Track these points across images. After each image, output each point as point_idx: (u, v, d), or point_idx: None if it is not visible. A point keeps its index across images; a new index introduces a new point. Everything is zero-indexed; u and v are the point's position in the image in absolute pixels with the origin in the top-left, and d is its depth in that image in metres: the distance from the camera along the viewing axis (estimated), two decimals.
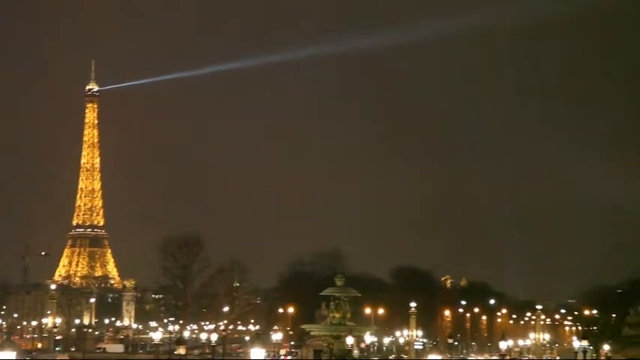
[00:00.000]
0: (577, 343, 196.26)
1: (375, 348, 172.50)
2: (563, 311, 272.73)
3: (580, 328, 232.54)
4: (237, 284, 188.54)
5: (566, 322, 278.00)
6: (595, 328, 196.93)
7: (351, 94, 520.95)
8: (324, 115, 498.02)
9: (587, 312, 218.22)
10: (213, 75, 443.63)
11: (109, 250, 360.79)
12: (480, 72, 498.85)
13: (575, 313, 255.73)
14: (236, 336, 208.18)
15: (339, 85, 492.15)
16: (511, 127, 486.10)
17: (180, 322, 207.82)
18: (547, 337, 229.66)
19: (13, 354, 74.69)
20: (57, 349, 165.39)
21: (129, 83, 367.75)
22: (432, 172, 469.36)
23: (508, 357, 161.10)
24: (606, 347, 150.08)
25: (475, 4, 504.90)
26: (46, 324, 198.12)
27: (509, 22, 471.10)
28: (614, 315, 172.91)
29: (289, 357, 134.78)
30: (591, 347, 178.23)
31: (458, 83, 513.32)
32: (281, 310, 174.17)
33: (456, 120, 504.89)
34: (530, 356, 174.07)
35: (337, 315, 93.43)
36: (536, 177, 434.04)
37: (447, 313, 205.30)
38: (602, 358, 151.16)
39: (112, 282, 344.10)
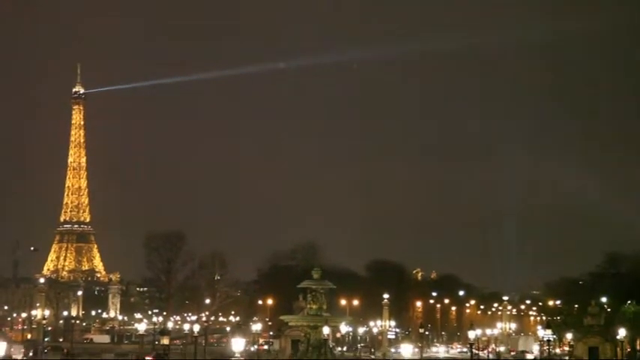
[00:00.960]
0: (541, 332, 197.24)
1: (350, 337, 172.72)
2: (528, 302, 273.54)
3: (544, 317, 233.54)
4: (218, 278, 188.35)
5: (531, 313, 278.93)
6: (558, 317, 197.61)
7: (330, 99, 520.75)
8: (305, 115, 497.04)
9: (550, 303, 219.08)
10: (198, 81, 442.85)
11: (95, 245, 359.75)
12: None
13: (540, 303, 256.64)
14: (217, 327, 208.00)
15: (320, 90, 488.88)
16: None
17: (164, 313, 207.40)
18: (513, 326, 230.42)
19: (3, 344, 74.36)
20: (46, 339, 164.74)
21: (114, 87, 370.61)
22: (407, 175, 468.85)
23: (476, 345, 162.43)
24: (569, 336, 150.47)
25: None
26: (35, 316, 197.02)
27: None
28: (576, 305, 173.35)
29: (265, 346, 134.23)
30: (555, 335, 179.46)
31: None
32: (260, 302, 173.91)
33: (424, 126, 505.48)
34: (501, 348, 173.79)
35: (314, 306, 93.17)
36: (507, 180, 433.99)
37: (419, 304, 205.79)
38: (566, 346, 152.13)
39: (98, 276, 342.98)
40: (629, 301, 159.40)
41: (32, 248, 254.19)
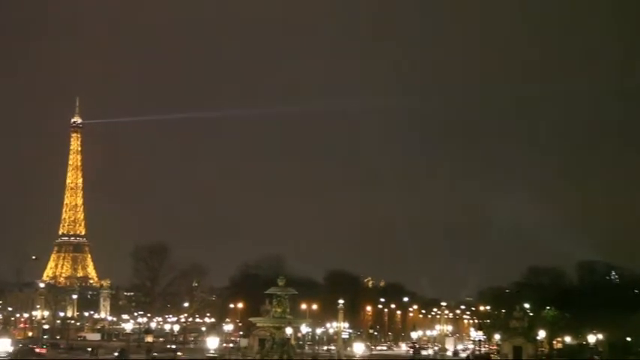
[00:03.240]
0: (474, 333, 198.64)
1: (310, 337, 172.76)
2: (462, 307, 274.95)
3: (476, 321, 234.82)
4: (196, 284, 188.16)
5: (465, 316, 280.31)
6: (488, 321, 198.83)
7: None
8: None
9: (482, 308, 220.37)
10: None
11: (89, 255, 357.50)
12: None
13: (473, 308, 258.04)
14: (194, 327, 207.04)
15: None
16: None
17: (148, 315, 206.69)
18: (450, 328, 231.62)
19: (8, 341, 74.20)
20: (44, 337, 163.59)
21: (108, 120, 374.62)
22: (360, 195, 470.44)
23: (417, 344, 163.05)
24: (497, 336, 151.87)
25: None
26: (36, 316, 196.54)
27: None
28: (503, 310, 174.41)
29: (231, 345, 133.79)
30: (485, 336, 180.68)
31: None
32: (232, 306, 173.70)
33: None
34: (436, 348, 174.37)
35: (279, 310, 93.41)
36: (447, 201, 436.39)
37: (369, 308, 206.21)
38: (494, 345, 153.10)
39: (91, 281, 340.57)
40: (547, 307, 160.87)
41: (33, 257, 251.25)
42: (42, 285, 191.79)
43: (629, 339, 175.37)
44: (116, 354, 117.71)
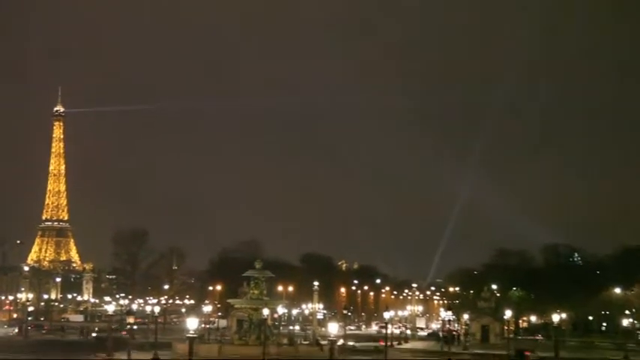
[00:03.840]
0: (443, 314, 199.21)
1: (286, 318, 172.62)
2: (432, 288, 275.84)
3: (445, 301, 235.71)
4: (176, 267, 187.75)
5: (435, 297, 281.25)
6: (457, 301, 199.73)
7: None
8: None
9: (451, 289, 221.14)
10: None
11: (72, 240, 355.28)
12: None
13: (442, 289, 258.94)
14: (175, 308, 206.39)
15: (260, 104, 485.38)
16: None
17: (130, 297, 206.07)
18: (420, 308, 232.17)
19: None
20: (29, 318, 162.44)
21: (90, 109, 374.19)
22: (339, 183, 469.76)
23: (390, 324, 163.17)
24: (465, 316, 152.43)
25: None
26: (21, 299, 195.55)
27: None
28: (471, 291, 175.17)
29: (206, 325, 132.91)
30: (454, 316, 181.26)
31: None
32: (211, 288, 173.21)
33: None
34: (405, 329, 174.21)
35: (256, 292, 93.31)
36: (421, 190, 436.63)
37: (343, 290, 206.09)
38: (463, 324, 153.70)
39: (74, 265, 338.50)
40: (514, 288, 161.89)
41: (18, 242, 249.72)
42: (26, 268, 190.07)
43: (590, 318, 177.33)
44: (94, 334, 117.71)
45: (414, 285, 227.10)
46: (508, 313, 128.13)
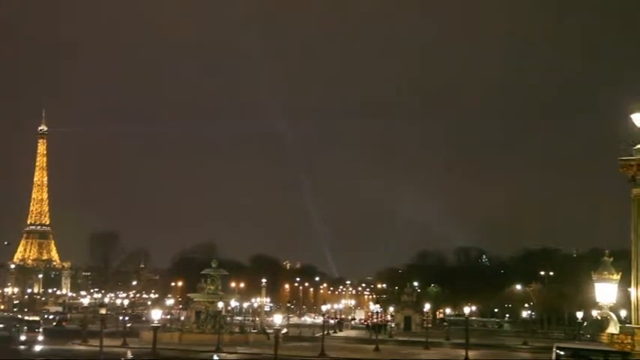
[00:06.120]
0: (372, 306, 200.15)
1: (238, 310, 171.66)
2: (364, 285, 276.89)
3: (375, 296, 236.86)
4: (143, 266, 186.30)
5: (365, 293, 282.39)
6: (384, 296, 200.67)
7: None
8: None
9: (379, 285, 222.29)
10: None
11: (53, 241, 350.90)
12: None
13: (372, 286, 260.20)
14: (141, 301, 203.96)
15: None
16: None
17: (102, 291, 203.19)
18: (353, 302, 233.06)
19: None
20: (15, 309, 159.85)
21: (71, 129, 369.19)
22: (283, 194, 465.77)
23: (327, 315, 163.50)
24: (391, 309, 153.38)
25: None
26: (7, 292, 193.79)
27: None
28: (397, 287, 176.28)
29: (168, 316, 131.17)
30: (382, 309, 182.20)
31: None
32: (173, 284, 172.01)
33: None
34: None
35: (212, 287, 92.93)
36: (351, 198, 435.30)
37: (287, 286, 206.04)
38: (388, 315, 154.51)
39: (54, 263, 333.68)
40: (432, 285, 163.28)
41: (6, 242, 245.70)
42: (12, 266, 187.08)
43: (496, 310, 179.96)
44: (57, 317, 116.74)
45: (348, 282, 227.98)
46: (427, 306, 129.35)
